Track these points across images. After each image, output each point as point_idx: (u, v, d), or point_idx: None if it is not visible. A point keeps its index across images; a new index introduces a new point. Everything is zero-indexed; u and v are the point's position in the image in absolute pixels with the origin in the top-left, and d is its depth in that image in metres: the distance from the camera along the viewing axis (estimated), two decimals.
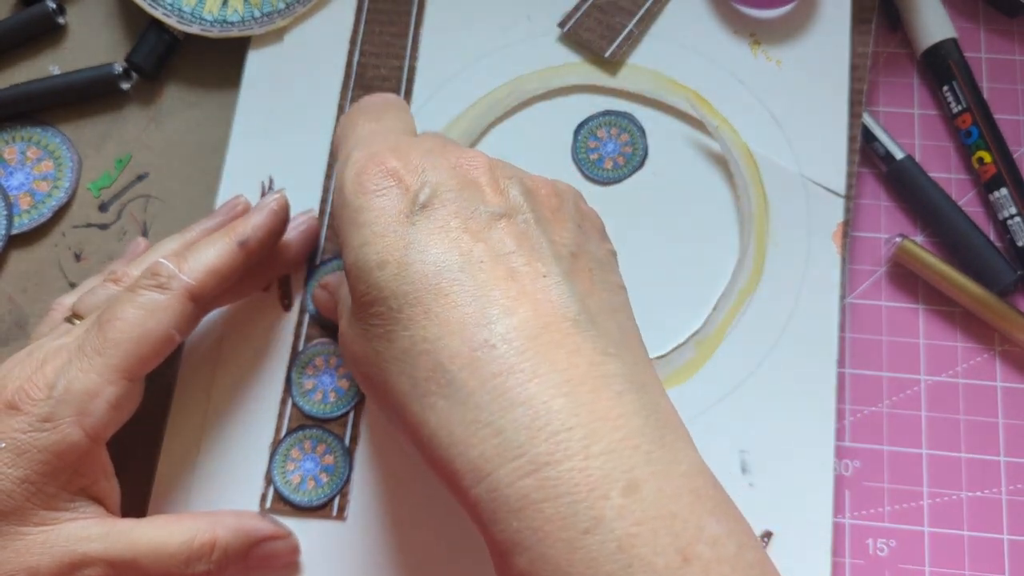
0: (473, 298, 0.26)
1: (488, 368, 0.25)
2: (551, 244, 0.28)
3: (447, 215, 0.27)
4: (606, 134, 0.40)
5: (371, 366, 0.27)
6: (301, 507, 0.36)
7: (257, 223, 0.35)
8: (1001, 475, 0.38)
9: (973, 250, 0.40)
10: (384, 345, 0.27)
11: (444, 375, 0.25)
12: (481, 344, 0.25)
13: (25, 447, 0.30)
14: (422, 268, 0.26)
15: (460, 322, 0.25)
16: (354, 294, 0.28)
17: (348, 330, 0.29)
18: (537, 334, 0.25)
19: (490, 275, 0.26)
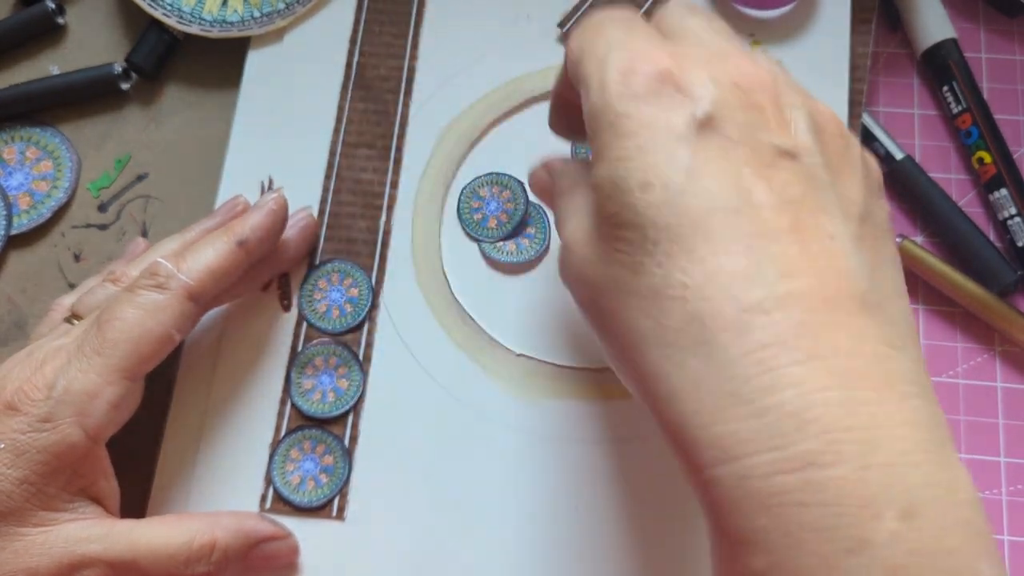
0: (748, 248, 0.22)
1: (757, 336, 0.21)
2: (839, 199, 0.24)
3: (727, 143, 0.23)
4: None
5: (605, 294, 0.24)
6: (301, 507, 0.36)
7: (256, 223, 0.35)
8: (1001, 476, 0.38)
9: (973, 250, 0.40)
10: (628, 276, 0.23)
11: (701, 331, 0.22)
12: (753, 306, 0.21)
13: (25, 448, 0.30)
14: (693, 200, 0.22)
15: (729, 274, 0.22)
16: (602, 213, 0.24)
17: (581, 244, 0.25)
18: (819, 308, 0.22)
19: (771, 223, 0.22)
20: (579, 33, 0.27)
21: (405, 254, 0.39)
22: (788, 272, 0.22)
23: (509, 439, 0.36)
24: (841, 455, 0.20)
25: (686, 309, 0.22)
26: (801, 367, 0.21)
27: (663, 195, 0.22)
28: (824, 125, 0.25)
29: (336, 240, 0.39)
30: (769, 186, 0.23)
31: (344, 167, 0.40)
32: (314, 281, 0.39)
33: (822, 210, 0.23)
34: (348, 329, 0.38)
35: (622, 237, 0.23)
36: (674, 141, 0.23)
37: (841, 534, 0.20)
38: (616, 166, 0.23)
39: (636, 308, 0.23)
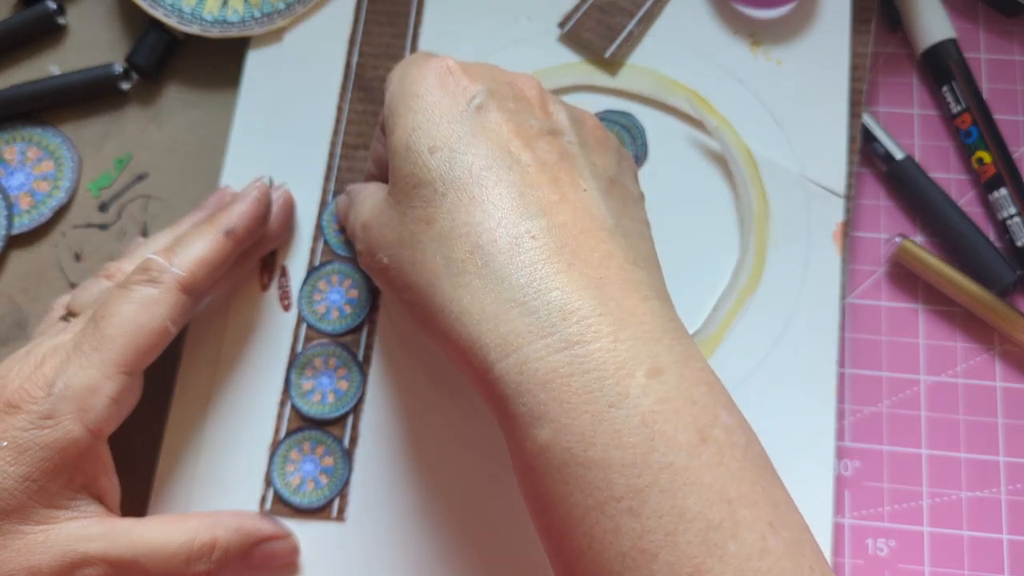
0: (519, 193, 0.27)
1: (527, 255, 0.26)
2: (592, 166, 0.30)
3: (500, 120, 0.29)
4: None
5: (402, 247, 0.29)
6: (301, 509, 0.36)
7: (241, 211, 0.35)
8: (1001, 475, 0.38)
9: (973, 250, 0.40)
10: (422, 228, 0.28)
11: (482, 256, 0.26)
12: (523, 233, 0.27)
13: (26, 445, 0.30)
14: (472, 159, 0.28)
15: (504, 211, 0.27)
16: (398, 176, 0.29)
17: (381, 215, 0.30)
18: (575, 235, 0.27)
19: (535, 177, 0.28)
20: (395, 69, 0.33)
21: None
22: (549, 211, 0.27)
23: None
24: (598, 333, 0.25)
25: (470, 242, 0.27)
26: (563, 275, 0.26)
27: (448, 155, 0.28)
28: (583, 119, 0.32)
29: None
30: (533, 152, 0.28)
31: (344, 168, 0.40)
32: (314, 282, 0.39)
33: (576, 171, 0.29)
34: (348, 330, 0.38)
35: (417, 194, 0.28)
36: (456, 116, 0.29)
37: (604, 393, 0.24)
38: (410, 135, 0.29)
39: (430, 252, 0.28)
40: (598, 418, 0.24)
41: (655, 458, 0.24)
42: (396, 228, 0.29)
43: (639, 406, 0.24)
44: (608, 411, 0.24)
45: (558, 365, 0.25)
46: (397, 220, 0.29)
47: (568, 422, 0.24)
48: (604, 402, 0.24)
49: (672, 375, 0.25)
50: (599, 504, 0.24)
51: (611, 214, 0.28)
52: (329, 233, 0.39)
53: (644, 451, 0.24)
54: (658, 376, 0.25)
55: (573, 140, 0.30)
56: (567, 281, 0.26)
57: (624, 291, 0.26)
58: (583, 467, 0.24)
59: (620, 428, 0.24)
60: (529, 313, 0.25)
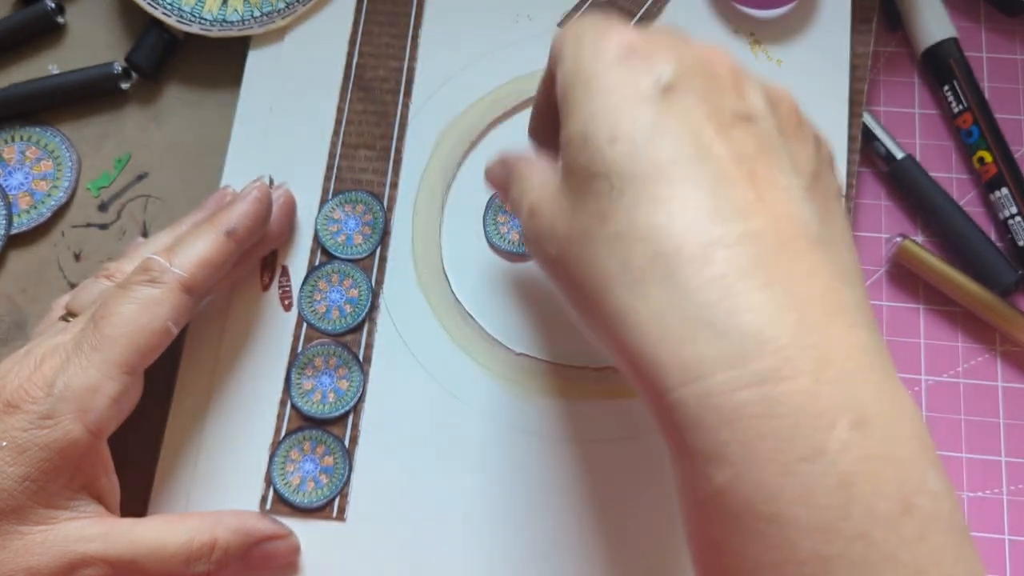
0: (710, 193, 0.24)
1: (718, 267, 0.23)
2: (791, 157, 0.26)
3: (690, 103, 0.25)
4: None
5: (572, 243, 0.26)
6: (301, 508, 0.36)
7: (242, 211, 0.35)
8: (1002, 475, 0.38)
9: (974, 250, 0.40)
10: (596, 224, 0.25)
11: (665, 266, 0.23)
12: (714, 241, 0.23)
13: (26, 445, 0.30)
14: (657, 152, 0.24)
15: (692, 213, 0.23)
16: (573, 166, 0.26)
17: (551, 203, 0.27)
18: (774, 245, 0.23)
19: (729, 172, 0.24)
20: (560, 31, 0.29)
21: (405, 254, 0.39)
22: (746, 213, 0.23)
23: (509, 439, 0.36)
24: (797, 371, 0.22)
25: (651, 248, 0.23)
26: (759, 293, 0.22)
27: (629, 147, 0.24)
28: (779, 100, 0.27)
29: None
30: (727, 142, 0.25)
31: (344, 167, 0.40)
32: (314, 282, 0.39)
33: (775, 165, 0.25)
34: (348, 330, 0.38)
35: (591, 188, 0.25)
36: (640, 101, 0.25)
37: (797, 443, 0.21)
38: (587, 122, 0.25)
39: (604, 253, 0.24)
40: (787, 471, 0.21)
41: (848, 526, 0.21)
42: (567, 220, 0.26)
43: (837, 464, 0.21)
44: (800, 465, 0.21)
45: (746, 403, 0.22)
46: (569, 211, 0.26)
47: (751, 470, 0.21)
48: (796, 454, 0.21)
49: (879, 428, 0.22)
50: (776, 564, 0.21)
51: (814, 217, 0.25)
52: (324, 236, 0.39)
53: (837, 516, 0.21)
54: (863, 429, 0.21)
55: (771, 126, 0.26)
56: (764, 302, 0.22)
57: (830, 316, 0.23)
58: (763, 522, 0.21)
59: (812, 486, 0.21)
60: (718, 337, 0.22)
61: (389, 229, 0.39)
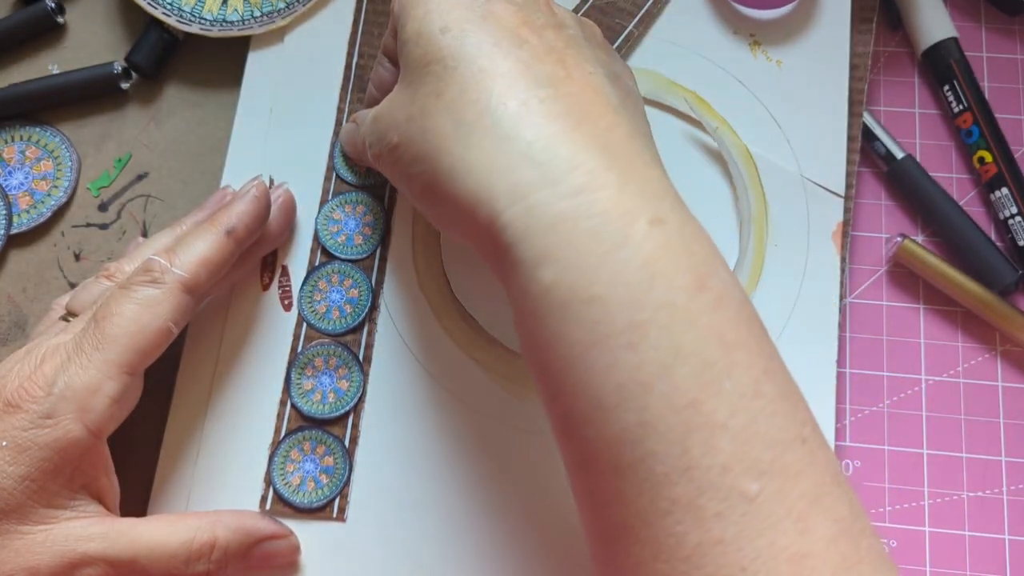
0: (527, 67, 0.28)
1: (536, 116, 0.27)
2: (596, 56, 0.31)
3: (508, 10, 0.30)
4: None
5: (412, 121, 0.30)
6: (301, 509, 0.36)
7: (241, 211, 0.35)
8: (1002, 475, 0.38)
9: (974, 250, 0.40)
10: (432, 100, 0.29)
11: (492, 117, 0.27)
12: (530, 97, 0.28)
13: (26, 444, 0.30)
14: (481, 36, 0.29)
15: (512, 78, 0.28)
16: (410, 60, 0.30)
17: (389, 103, 0.31)
18: (582, 104, 0.28)
19: (543, 55, 0.29)
20: None
21: (405, 254, 0.39)
22: (556, 82, 0.28)
23: (509, 438, 0.36)
24: (605, 183, 0.26)
25: (480, 106, 0.28)
26: (569, 133, 0.27)
27: (458, 34, 0.29)
28: (586, 22, 0.33)
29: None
30: (540, 38, 0.29)
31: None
32: (314, 282, 0.39)
33: (582, 57, 0.30)
34: (348, 330, 0.38)
35: (428, 71, 0.29)
36: (466, 6, 0.30)
37: (610, 236, 0.25)
38: (421, 20, 0.30)
39: (440, 120, 0.28)
40: (602, 259, 0.25)
41: (655, 296, 0.25)
42: (407, 107, 0.30)
43: (641, 248, 0.25)
44: (612, 252, 0.25)
45: (565, 210, 0.26)
46: (408, 100, 0.30)
47: (574, 261, 0.25)
48: (608, 243, 0.25)
49: (674, 226, 0.26)
50: (599, 339, 0.25)
51: (616, 95, 0.29)
52: (324, 236, 0.39)
53: (645, 289, 0.25)
54: (660, 225, 0.26)
55: (578, 34, 0.31)
56: (574, 139, 0.27)
57: (629, 155, 0.27)
58: (585, 304, 0.25)
59: (622, 268, 0.25)
60: (538, 165, 0.26)
61: (390, 229, 0.39)
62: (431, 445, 0.36)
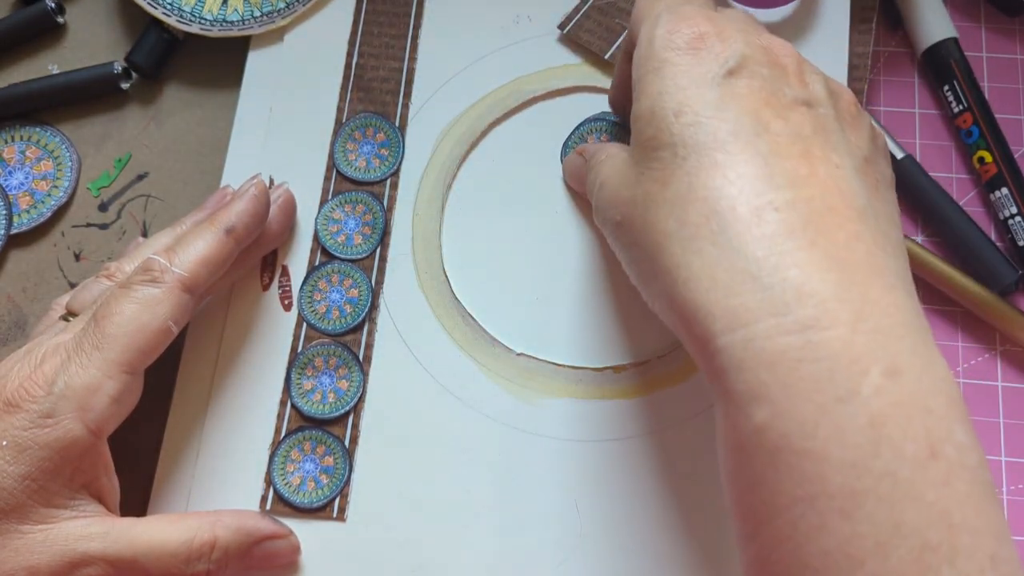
0: (764, 163, 0.26)
1: (768, 227, 0.25)
2: (847, 142, 0.28)
3: (752, 86, 0.27)
4: (596, 138, 0.40)
5: (636, 207, 0.28)
6: (301, 508, 0.36)
7: (241, 209, 0.35)
8: (1002, 475, 0.38)
9: (974, 250, 0.40)
10: (658, 188, 0.27)
11: (718, 223, 0.25)
12: (765, 205, 0.25)
13: (26, 444, 0.30)
14: (719, 124, 0.26)
15: (746, 179, 0.26)
16: (640, 138, 0.28)
17: (618, 175, 0.30)
18: (821, 212, 0.25)
19: (784, 149, 0.26)
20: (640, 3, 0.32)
21: (405, 254, 0.39)
22: (797, 183, 0.26)
23: (509, 439, 0.36)
24: (835, 321, 0.23)
25: (706, 207, 0.26)
26: (803, 252, 0.24)
27: (693, 119, 0.27)
28: (839, 92, 0.30)
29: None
30: (785, 122, 0.27)
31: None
32: (314, 282, 0.39)
33: (830, 146, 0.27)
34: (348, 330, 0.38)
35: (656, 157, 0.27)
36: (706, 81, 0.27)
37: (832, 385, 0.23)
38: (655, 99, 0.28)
39: (663, 214, 0.27)
40: (822, 410, 0.23)
41: (878, 464, 0.22)
42: (631, 187, 0.29)
43: (869, 406, 0.23)
44: (834, 405, 0.23)
45: (787, 348, 0.23)
46: (633, 179, 0.29)
47: (789, 408, 0.23)
48: (832, 395, 0.23)
49: (910, 378, 0.23)
50: (809, 497, 0.23)
51: (863, 193, 0.27)
52: (324, 236, 0.39)
53: (867, 454, 0.22)
54: (895, 377, 0.23)
55: (829, 113, 0.28)
56: (808, 260, 0.24)
57: (869, 277, 0.25)
58: (798, 456, 0.23)
59: (845, 425, 0.23)
60: (763, 289, 0.24)
61: (389, 229, 0.39)
62: (431, 445, 0.36)
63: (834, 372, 0.23)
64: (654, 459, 0.36)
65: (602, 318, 0.38)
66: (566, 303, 0.38)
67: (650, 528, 0.35)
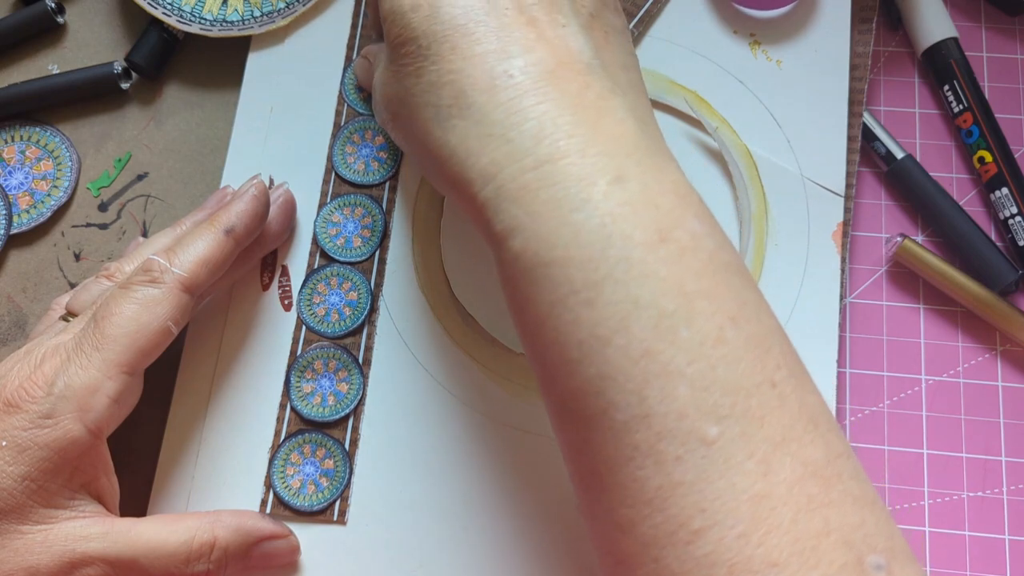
0: (497, 37, 0.28)
1: (505, 93, 0.28)
2: (572, 3, 0.30)
3: None
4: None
5: (400, 103, 0.31)
6: (301, 512, 0.36)
7: (240, 210, 0.35)
8: (1002, 475, 0.38)
9: (974, 250, 0.40)
10: (413, 81, 0.30)
11: (464, 99, 0.28)
12: (500, 74, 0.28)
13: (26, 444, 0.30)
14: (451, 11, 0.29)
15: (482, 55, 0.28)
16: (388, 38, 0.31)
17: (382, 77, 0.32)
18: (552, 70, 0.28)
19: (513, 20, 0.29)
20: None
21: (405, 255, 0.39)
22: (527, 48, 0.28)
23: (509, 439, 0.36)
24: (568, 151, 0.27)
25: (455, 88, 0.28)
26: (537, 106, 0.27)
27: (428, 11, 0.29)
28: None
29: None
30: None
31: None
32: (313, 285, 0.39)
33: (556, 9, 0.30)
34: (347, 333, 0.38)
35: (405, 52, 0.30)
36: None
37: (567, 201, 0.26)
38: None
39: (422, 103, 0.29)
40: (562, 222, 0.26)
41: (611, 253, 0.25)
42: (393, 85, 0.31)
43: (599, 209, 0.26)
44: (571, 215, 0.26)
45: (529, 182, 0.26)
46: (393, 78, 0.31)
47: (536, 228, 0.26)
48: (567, 208, 0.26)
49: (636, 182, 0.26)
50: (561, 298, 0.26)
51: (590, 47, 0.29)
52: (323, 239, 0.39)
53: (601, 247, 0.25)
54: (621, 184, 0.26)
55: None
56: (542, 112, 0.27)
57: (598, 116, 0.27)
58: (547, 267, 0.26)
59: (579, 229, 0.26)
60: (506, 143, 0.27)
61: (388, 232, 0.39)
62: (431, 447, 0.36)
63: (567, 190, 0.26)
64: None
65: None
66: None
67: None
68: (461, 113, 0.28)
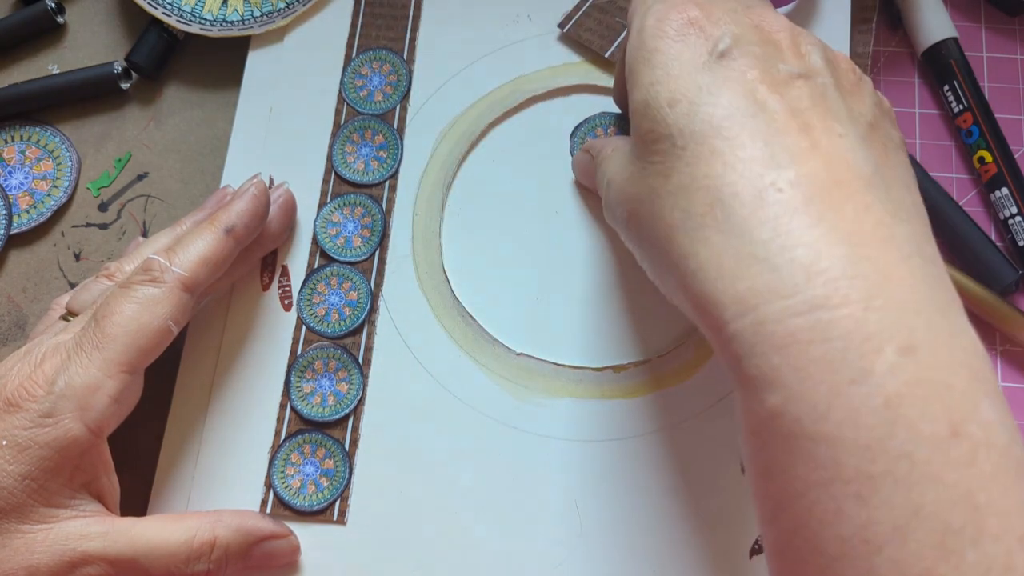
0: (764, 143, 0.25)
1: (771, 209, 0.24)
2: (848, 110, 0.27)
3: (745, 66, 0.27)
4: (604, 133, 0.40)
5: (643, 203, 0.28)
6: (301, 512, 0.36)
7: (241, 209, 0.35)
8: None
9: (974, 250, 0.40)
10: (661, 181, 0.27)
11: (722, 210, 0.25)
12: (767, 186, 0.25)
13: (26, 443, 0.30)
14: (713, 110, 0.26)
15: (746, 162, 0.25)
16: (638, 132, 0.28)
17: (623, 171, 0.30)
18: (826, 186, 0.24)
19: (783, 125, 0.26)
20: None
21: (405, 255, 0.39)
22: (799, 159, 0.25)
23: (509, 439, 0.36)
24: (847, 298, 0.23)
25: (710, 195, 0.25)
26: (810, 230, 0.24)
27: (687, 108, 0.26)
28: (837, 60, 0.29)
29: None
30: (782, 98, 0.26)
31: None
32: (313, 285, 0.39)
33: (831, 116, 0.26)
34: (347, 332, 0.38)
35: (656, 149, 0.27)
36: (697, 67, 0.27)
37: (845, 366, 0.22)
38: (648, 90, 0.27)
39: (669, 206, 0.26)
40: (835, 392, 0.22)
41: (893, 445, 0.22)
42: (636, 183, 0.28)
43: (883, 386, 0.22)
44: (847, 387, 0.22)
45: (797, 330, 0.23)
46: (637, 175, 0.28)
47: (801, 392, 0.23)
48: (844, 376, 0.22)
49: (927, 354, 0.22)
50: (823, 482, 0.22)
51: (869, 162, 0.26)
52: (323, 238, 0.39)
53: (882, 436, 0.22)
54: (910, 354, 0.22)
55: (828, 82, 0.27)
56: (815, 237, 0.23)
57: (881, 249, 0.24)
58: (811, 441, 0.22)
59: (858, 407, 0.22)
60: (770, 271, 0.23)
61: (388, 231, 0.39)
62: (431, 446, 0.36)
63: (846, 352, 0.22)
64: (654, 459, 0.36)
65: (602, 318, 0.38)
66: (566, 303, 0.38)
67: (650, 528, 0.35)
68: (717, 225, 0.25)
